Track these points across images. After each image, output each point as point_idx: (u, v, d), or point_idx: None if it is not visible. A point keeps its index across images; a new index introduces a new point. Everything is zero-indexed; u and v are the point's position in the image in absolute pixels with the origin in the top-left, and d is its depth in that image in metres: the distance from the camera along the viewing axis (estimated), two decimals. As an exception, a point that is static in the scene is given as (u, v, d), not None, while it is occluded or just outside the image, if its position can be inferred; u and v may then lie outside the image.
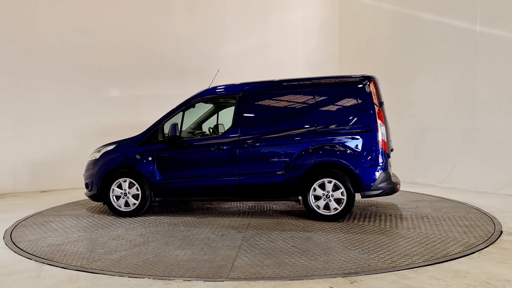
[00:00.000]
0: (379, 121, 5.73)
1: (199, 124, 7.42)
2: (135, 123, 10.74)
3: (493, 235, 4.91)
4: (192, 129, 7.26)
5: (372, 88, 5.84)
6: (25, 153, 9.39)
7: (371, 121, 5.75)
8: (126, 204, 6.41)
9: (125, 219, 6.22)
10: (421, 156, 10.20)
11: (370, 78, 5.91)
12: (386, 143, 5.78)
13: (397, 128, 10.86)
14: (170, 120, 6.50)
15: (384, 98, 6.17)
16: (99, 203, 6.98)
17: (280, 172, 5.94)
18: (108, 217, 6.40)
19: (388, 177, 5.77)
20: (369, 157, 5.72)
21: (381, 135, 5.72)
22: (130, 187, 6.40)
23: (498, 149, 8.51)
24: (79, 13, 9.99)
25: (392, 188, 5.83)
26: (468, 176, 8.83)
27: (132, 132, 10.79)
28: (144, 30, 10.83)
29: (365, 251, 4.36)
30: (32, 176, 9.46)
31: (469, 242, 4.60)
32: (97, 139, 10.29)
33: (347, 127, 5.81)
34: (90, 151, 10.16)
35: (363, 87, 5.87)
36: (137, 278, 3.69)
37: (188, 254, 4.37)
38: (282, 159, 5.96)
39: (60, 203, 7.69)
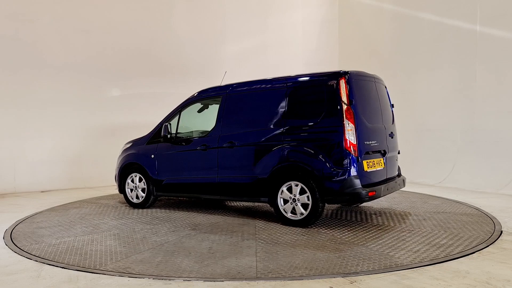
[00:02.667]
0: (346, 121, 5.17)
1: None
2: (135, 122, 10.76)
3: (493, 235, 4.90)
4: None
5: (342, 85, 5.27)
6: (25, 153, 9.40)
7: (336, 121, 5.23)
8: (137, 196, 7.17)
9: (134, 210, 7.00)
10: (421, 156, 10.20)
11: (341, 74, 5.34)
12: (355, 145, 5.18)
13: (397, 128, 10.87)
14: (171, 120, 6.85)
15: None
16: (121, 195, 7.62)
17: (250, 173, 5.89)
18: (123, 208, 6.79)
19: (355, 183, 5.14)
20: (334, 160, 5.21)
21: (349, 136, 5.16)
22: (140, 181, 7.11)
23: (498, 149, 8.52)
24: (80, 13, 10.00)
25: (360, 195, 5.13)
26: (468, 176, 8.83)
27: (132, 131, 10.81)
28: (145, 30, 10.83)
29: (264, 261, 4.07)
30: (32, 176, 9.46)
31: (469, 242, 4.60)
32: (98, 138, 10.31)
33: (313, 127, 5.42)
34: (90, 151, 10.20)
35: (330, 84, 5.37)
36: (137, 278, 3.69)
37: (108, 246, 4.79)
38: (253, 160, 5.86)
39: (60, 203, 7.69)
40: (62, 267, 4.02)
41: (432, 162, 9.86)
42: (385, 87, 6.29)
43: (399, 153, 6.36)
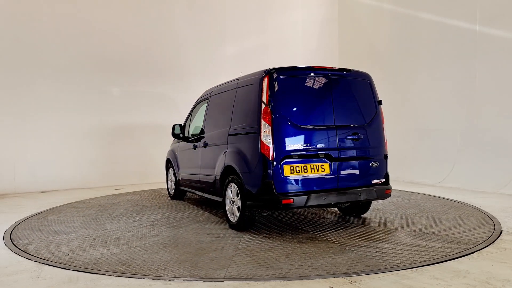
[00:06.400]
0: (263, 122, 4.83)
1: None
2: (135, 123, 10.75)
3: (493, 234, 4.90)
4: None
5: (264, 84, 4.94)
6: (25, 153, 9.40)
7: (255, 122, 4.95)
8: (172, 188, 8.10)
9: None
10: (421, 156, 10.20)
11: (265, 73, 5.02)
12: (270, 148, 4.77)
13: (397, 128, 10.88)
14: (188, 119, 7.44)
15: (383, 98, 5.91)
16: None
17: (213, 172, 5.99)
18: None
19: (269, 188, 4.75)
20: (252, 163, 4.95)
21: (264, 139, 4.80)
22: (174, 175, 7.90)
23: (498, 149, 8.51)
24: (80, 13, 10.00)
25: (272, 202, 4.76)
26: (468, 176, 8.83)
27: (132, 132, 10.81)
28: (145, 31, 10.83)
29: (116, 254, 4.44)
30: (32, 177, 9.46)
31: (469, 242, 4.60)
32: (98, 139, 10.30)
33: (243, 129, 5.25)
34: (90, 151, 10.20)
35: (257, 84, 5.10)
36: (137, 279, 3.69)
37: (64, 226, 5.86)
38: (213, 160, 5.97)
39: (60, 203, 7.69)
40: (63, 268, 4.02)
41: (432, 162, 9.86)
42: (368, 82, 5.52)
43: (385, 158, 5.45)
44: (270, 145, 4.78)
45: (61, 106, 9.81)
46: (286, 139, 4.84)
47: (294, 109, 4.99)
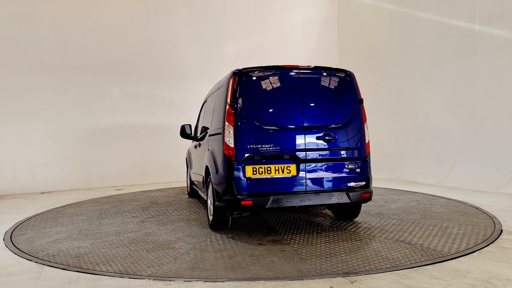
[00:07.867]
0: (226, 123, 4.83)
1: None
2: (135, 123, 10.75)
3: (493, 234, 4.90)
4: None
5: (230, 84, 4.95)
6: (25, 154, 9.40)
7: (221, 122, 5.00)
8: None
9: (176, 199, 8.20)
10: (421, 155, 10.20)
11: (232, 74, 5.03)
12: (232, 148, 4.74)
13: (397, 127, 10.88)
14: (198, 119, 7.53)
15: (383, 98, 5.87)
16: None
17: (201, 173, 6.13)
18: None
19: (231, 189, 4.72)
20: (218, 163, 5.02)
21: (227, 139, 4.78)
22: None
23: (498, 148, 8.51)
24: (80, 15, 10.00)
25: (232, 203, 4.76)
26: (468, 175, 8.83)
27: (131, 132, 10.80)
28: (144, 31, 10.84)
29: (80, 248, 4.73)
30: (32, 178, 9.47)
31: (469, 241, 4.59)
32: (97, 139, 10.30)
33: (215, 129, 5.32)
34: (90, 152, 10.20)
35: (225, 85, 5.14)
36: (137, 279, 3.69)
37: (65, 214, 6.63)
38: (201, 160, 6.08)
39: (60, 204, 7.69)
40: (63, 269, 4.02)
41: (432, 161, 9.86)
42: (347, 80, 5.24)
43: (366, 159, 5.12)
44: (232, 146, 4.75)
45: (61, 107, 9.81)
46: (249, 140, 4.77)
47: (260, 109, 4.89)
